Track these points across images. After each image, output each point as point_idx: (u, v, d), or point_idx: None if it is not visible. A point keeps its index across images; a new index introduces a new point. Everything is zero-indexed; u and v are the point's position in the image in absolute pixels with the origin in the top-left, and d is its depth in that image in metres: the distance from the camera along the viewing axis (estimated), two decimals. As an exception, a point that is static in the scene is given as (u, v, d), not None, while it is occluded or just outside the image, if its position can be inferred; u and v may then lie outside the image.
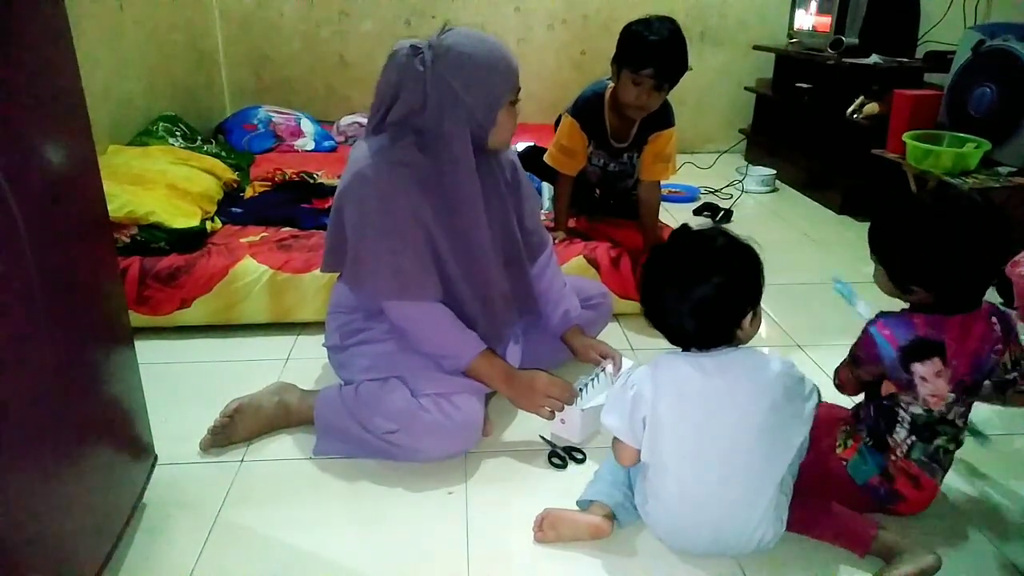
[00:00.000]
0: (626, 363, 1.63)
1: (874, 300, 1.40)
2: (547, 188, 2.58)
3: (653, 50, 1.92)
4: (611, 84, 2.09)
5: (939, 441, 1.27)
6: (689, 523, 1.21)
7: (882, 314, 1.26)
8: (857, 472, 1.30)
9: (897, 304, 1.29)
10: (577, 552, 1.27)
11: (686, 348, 1.22)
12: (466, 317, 1.49)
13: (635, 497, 1.29)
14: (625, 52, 1.98)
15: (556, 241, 2.14)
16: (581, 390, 1.55)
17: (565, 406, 1.49)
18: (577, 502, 1.34)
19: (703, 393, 1.17)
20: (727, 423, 1.16)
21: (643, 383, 1.20)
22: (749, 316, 1.18)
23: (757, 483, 1.18)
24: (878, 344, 1.23)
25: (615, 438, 1.25)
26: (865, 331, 1.26)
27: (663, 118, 2.13)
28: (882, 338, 1.23)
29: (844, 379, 1.36)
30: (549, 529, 1.28)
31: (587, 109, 2.16)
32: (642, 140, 2.17)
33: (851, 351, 1.31)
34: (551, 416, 1.49)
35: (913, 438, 1.27)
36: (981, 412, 1.31)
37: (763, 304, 1.21)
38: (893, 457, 1.28)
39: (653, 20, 1.95)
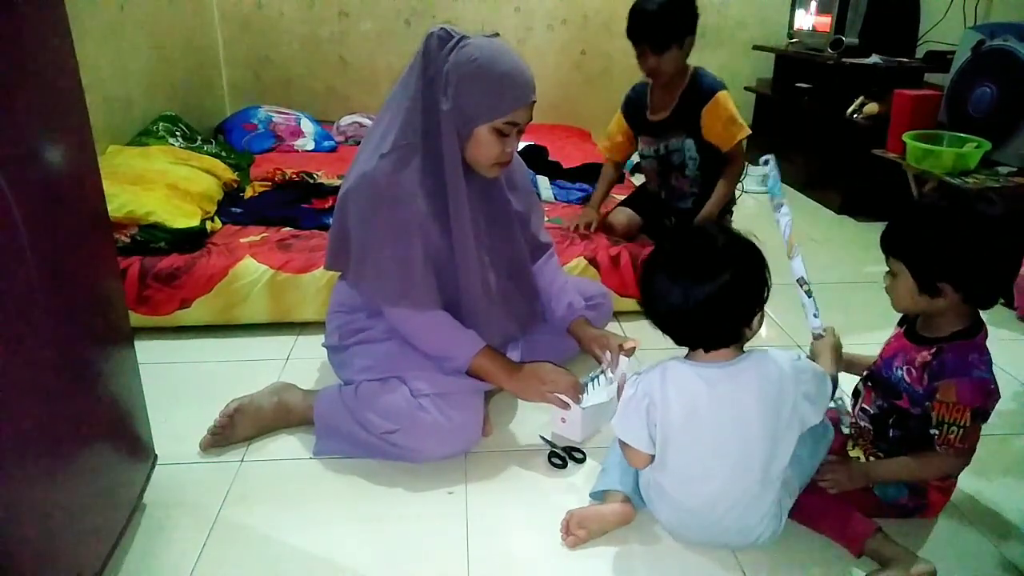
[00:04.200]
0: (623, 362, 1.61)
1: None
2: (542, 180, 2.62)
3: (632, 19, 2.08)
4: None
5: None
6: (692, 518, 1.23)
7: (959, 363, 1.19)
8: (886, 495, 1.30)
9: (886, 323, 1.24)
10: (577, 550, 1.27)
11: (692, 348, 1.18)
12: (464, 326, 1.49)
13: (640, 488, 1.30)
14: None
15: (580, 226, 2.25)
16: (584, 387, 1.54)
17: (568, 403, 1.49)
18: (590, 494, 1.34)
19: (711, 407, 1.15)
20: (734, 434, 1.15)
21: (653, 392, 1.17)
22: (757, 316, 1.15)
23: (761, 484, 1.18)
24: (992, 378, 1.19)
25: (625, 443, 1.23)
26: (974, 382, 1.18)
27: (699, 89, 2.17)
28: (989, 373, 1.19)
29: (974, 442, 1.21)
30: (578, 529, 1.27)
31: (636, 91, 2.31)
32: (689, 117, 2.19)
33: (975, 414, 1.18)
34: (562, 404, 1.48)
35: None
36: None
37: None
38: None
39: None
